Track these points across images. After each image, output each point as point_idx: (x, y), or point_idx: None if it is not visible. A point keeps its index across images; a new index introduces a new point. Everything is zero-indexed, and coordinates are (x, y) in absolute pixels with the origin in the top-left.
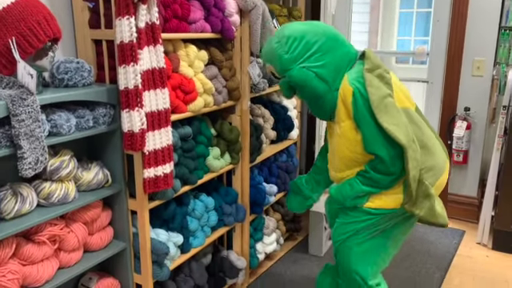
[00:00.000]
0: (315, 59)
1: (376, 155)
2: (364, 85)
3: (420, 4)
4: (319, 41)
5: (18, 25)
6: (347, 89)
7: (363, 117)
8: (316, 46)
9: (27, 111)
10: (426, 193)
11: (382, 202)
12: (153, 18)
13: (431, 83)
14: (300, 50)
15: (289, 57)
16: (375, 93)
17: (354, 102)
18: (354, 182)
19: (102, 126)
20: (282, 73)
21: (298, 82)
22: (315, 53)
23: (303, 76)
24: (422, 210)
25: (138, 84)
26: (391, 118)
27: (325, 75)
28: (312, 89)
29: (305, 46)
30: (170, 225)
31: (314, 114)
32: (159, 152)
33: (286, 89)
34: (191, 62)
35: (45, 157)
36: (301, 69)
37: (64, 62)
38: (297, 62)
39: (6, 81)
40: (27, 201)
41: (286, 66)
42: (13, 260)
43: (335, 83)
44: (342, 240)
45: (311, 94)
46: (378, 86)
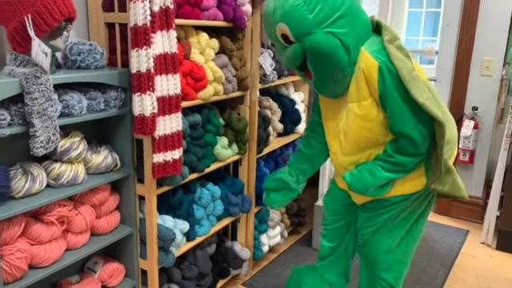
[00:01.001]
0: (341, 24)
1: (405, 135)
2: (389, 58)
3: (429, 4)
4: (345, 3)
5: (34, 2)
6: (372, 63)
7: (391, 93)
8: (342, 9)
9: (40, 90)
10: (447, 167)
11: (403, 187)
12: (167, 2)
13: (439, 82)
14: (326, 11)
15: (313, 18)
16: (404, 66)
17: (380, 77)
18: (374, 168)
19: (112, 110)
20: (301, 37)
21: (323, 49)
22: (341, 17)
23: (329, 43)
24: (445, 186)
25: (151, 68)
26: (423, 92)
27: (349, 45)
28: (335, 60)
29: (331, 7)
30: (176, 212)
31: (324, 90)
32: (169, 137)
33: (296, 57)
34: (202, 50)
35: (56, 136)
36: (326, 34)
37: (77, 43)
38: (321, 25)
39: (20, 59)
40: (37, 180)
41: (309, 28)
42: (21, 239)
43: (354, 56)
44: (370, 232)
45: (331, 67)
46: (402, 58)
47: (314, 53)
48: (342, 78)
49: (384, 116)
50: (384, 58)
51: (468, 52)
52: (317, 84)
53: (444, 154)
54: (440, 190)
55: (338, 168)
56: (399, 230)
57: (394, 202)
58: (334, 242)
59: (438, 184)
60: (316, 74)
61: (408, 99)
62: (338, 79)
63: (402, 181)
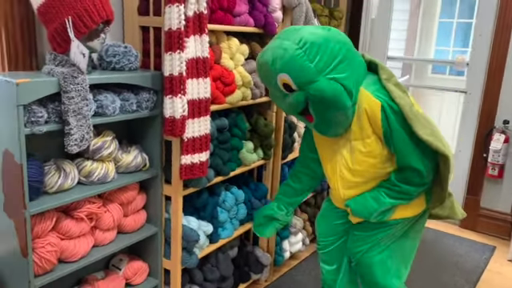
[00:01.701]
0: (341, 69)
1: (411, 168)
2: (390, 97)
3: (461, 14)
4: (342, 49)
5: (75, 5)
6: (374, 103)
7: (396, 131)
8: (341, 54)
9: (77, 89)
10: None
11: (404, 211)
12: (201, 8)
13: (469, 94)
14: (326, 59)
15: (315, 66)
16: (406, 104)
17: (384, 116)
18: (378, 195)
19: (144, 111)
20: (304, 85)
21: (327, 96)
22: (340, 62)
23: (333, 89)
24: (445, 211)
25: (183, 71)
26: (425, 128)
27: (350, 88)
28: (339, 104)
29: (330, 54)
30: (200, 213)
31: (326, 132)
32: (197, 140)
33: (299, 104)
34: (232, 55)
35: (90, 135)
36: (329, 80)
37: (112, 45)
38: (323, 72)
39: (59, 59)
40: (69, 177)
41: (312, 77)
42: (52, 233)
43: (355, 97)
44: (362, 251)
45: (334, 111)
46: (402, 96)
47: (318, 100)
48: (345, 119)
49: (388, 151)
50: (385, 97)
51: (501, 64)
52: (318, 127)
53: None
54: (441, 214)
55: (339, 200)
56: (390, 244)
57: (392, 224)
58: (336, 264)
59: (438, 209)
60: (318, 118)
61: (411, 135)
62: (340, 121)
63: (403, 206)
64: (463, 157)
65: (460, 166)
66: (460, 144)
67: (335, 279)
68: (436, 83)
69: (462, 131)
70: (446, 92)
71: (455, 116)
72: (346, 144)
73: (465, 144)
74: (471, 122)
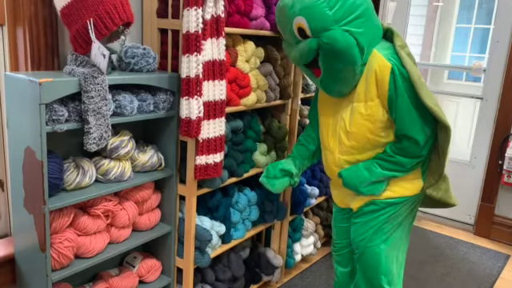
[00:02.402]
0: (358, 24)
1: (409, 137)
2: (401, 62)
3: (478, 20)
4: (363, 4)
5: (97, 7)
6: (385, 64)
7: (402, 95)
8: (360, 9)
9: (97, 89)
10: (443, 175)
11: (402, 189)
12: (218, 11)
13: (486, 100)
14: (346, 9)
15: (333, 15)
16: (415, 72)
17: (392, 78)
18: (371, 165)
19: (161, 111)
20: (318, 32)
21: (339, 46)
22: (358, 17)
23: (346, 41)
24: (439, 192)
25: (200, 73)
26: (431, 98)
27: (363, 44)
28: (349, 58)
29: (350, 6)
30: (213, 214)
31: (330, 89)
32: (212, 141)
33: (310, 52)
34: (248, 58)
35: (108, 134)
36: (343, 32)
37: (131, 47)
38: (340, 22)
39: (80, 59)
40: (87, 174)
41: (328, 24)
42: (69, 229)
43: (365, 56)
44: (366, 238)
45: (343, 64)
46: (411, 64)
47: (329, 49)
48: (352, 76)
49: (388, 118)
50: (396, 61)
51: None
52: (324, 82)
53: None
54: (435, 196)
55: (333, 167)
56: (392, 232)
57: (390, 203)
58: (349, 266)
59: (433, 189)
60: (326, 71)
61: (416, 103)
62: (347, 77)
63: (399, 183)
64: (478, 163)
65: (475, 173)
66: (475, 150)
67: (348, 282)
68: (452, 89)
69: (477, 138)
70: (461, 98)
71: (471, 122)
72: (347, 106)
73: (480, 151)
74: (487, 129)
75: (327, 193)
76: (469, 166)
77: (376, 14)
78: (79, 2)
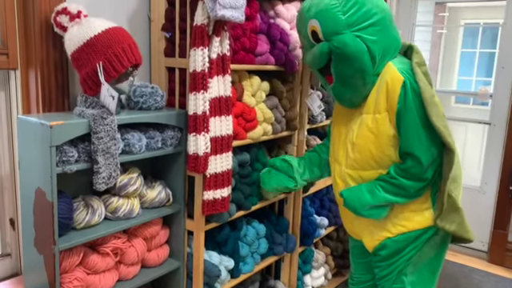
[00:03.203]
0: (371, 32)
1: (413, 156)
2: (414, 78)
3: (483, 44)
4: (378, 13)
5: (106, 51)
6: (398, 77)
7: (411, 111)
8: (375, 17)
9: (106, 130)
10: (455, 206)
11: (414, 223)
12: (224, 50)
13: (493, 126)
14: (359, 15)
15: (345, 19)
16: (427, 90)
17: (403, 92)
18: (374, 188)
19: (169, 148)
20: (330, 36)
21: (348, 51)
22: (372, 25)
23: (356, 46)
24: (452, 225)
25: (206, 110)
26: (440, 119)
27: (375, 53)
28: (359, 64)
29: (365, 13)
30: (222, 248)
31: (342, 97)
32: (219, 175)
33: (321, 56)
34: (254, 92)
35: (117, 173)
36: (355, 37)
37: (140, 86)
38: (352, 27)
39: (89, 101)
40: (97, 213)
41: (340, 28)
42: (79, 268)
43: (378, 67)
44: (391, 280)
45: (354, 71)
46: (426, 83)
47: (339, 53)
48: (362, 85)
49: (394, 135)
50: (410, 76)
51: None
52: (336, 89)
53: (451, 186)
54: (447, 229)
55: (337, 180)
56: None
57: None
58: None
59: (445, 222)
60: (337, 77)
61: (424, 120)
62: (357, 86)
63: (408, 215)
64: (489, 189)
65: (486, 199)
66: (486, 176)
67: None
68: (460, 113)
69: (487, 163)
70: (470, 123)
71: (480, 146)
72: (358, 117)
73: (490, 176)
74: (496, 154)
75: (337, 222)
76: (480, 191)
77: (396, 27)
78: (89, 46)
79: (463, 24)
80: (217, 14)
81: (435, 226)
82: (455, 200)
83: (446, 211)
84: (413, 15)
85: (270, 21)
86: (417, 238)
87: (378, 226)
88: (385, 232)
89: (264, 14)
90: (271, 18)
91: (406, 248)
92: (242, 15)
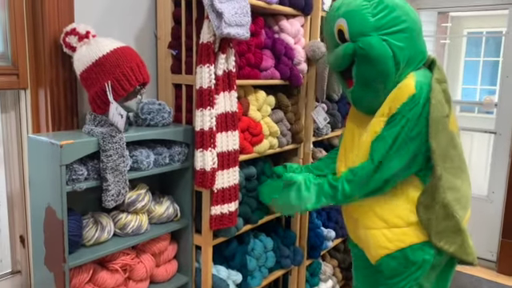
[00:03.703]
0: (399, 38)
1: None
2: (428, 93)
3: (487, 53)
4: (408, 21)
5: (114, 70)
6: (410, 88)
7: (402, 122)
8: (404, 24)
9: (115, 147)
10: (458, 227)
11: (407, 236)
12: (230, 67)
13: (499, 135)
14: (388, 20)
15: (374, 21)
16: (438, 109)
17: (407, 102)
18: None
19: (176, 163)
20: (356, 37)
21: (374, 53)
22: (401, 31)
23: (382, 49)
24: (452, 246)
25: (213, 126)
26: (443, 140)
27: (400, 59)
28: (383, 68)
29: (394, 18)
30: (230, 262)
31: (360, 101)
32: (226, 190)
33: (345, 57)
34: (260, 107)
35: (126, 189)
36: (381, 40)
37: (147, 103)
38: (380, 31)
39: (98, 119)
40: (106, 229)
41: (367, 30)
42: (88, 285)
43: (401, 75)
44: None
45: (376, 74)
46: (441, 101)
47: (364, 54)
48: (382, 90)
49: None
50: (425, 92)
51: None
52: (355, 92)
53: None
54: (446, 249)
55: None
56: None
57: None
58: None
59: (444, 242)
60: (358, 80)
61: (409, 137)
62: (377, 90)
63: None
64: (496, 198)
65: (494, 208)
66: (492, 185)
67: None
68: (465, 121)
69: (493, 172)
70: (476, 132)
71: (486, 155)
72: (367, 124)
73: (497, 185)
74: (503, 163)
75: (344, 234)
76: (487, 200)
77: (424, 40)
78: (98, 66)
79: (466, 34)
80: (222, 32)
81: (431, 242)
82: (458, 221)
83: (446, 231)
84: None
85: (275, 36)
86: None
87: (376, 241)
88: (382, 249)
89: (268, 29)
90: (276, 33)
91: (409, 268)
92: (247, 32)
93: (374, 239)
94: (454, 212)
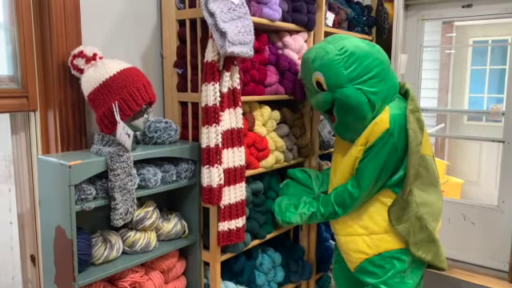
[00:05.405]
0: (371, 84)
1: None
2: (402, 125)
3: (493, 61)
4: (378, 66)
5: (121, 91)
6: (385, 124)
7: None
8: (375, 71)
9: (122, 167)
10: (432, 237)
11: (384, 242)
12: (234, 84)
13: (508, 143)
14: (360, 70)
15: (347, 74)
16: (415, 139)
17: (382, 138)
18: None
19: (183, 180)
20: (333, 88)
21: (350, 102)
22: (372, 78)
23: (358, 98)
24: (428, 255)
25: (219, 143)
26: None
27: (375, 102)
28: (360, 113)
29: (365, 67)
30: (238, 278)
31: (343, 135)
32: (233, 206)
33: (325, 103)
34: (265, 122)
35: (133, 208)
36: (356, 90)
37: (154, 121)
38: (353, 81)
39: (106, 139)
40: (115, 248)
41: (342, 82)
42: None
43: (378, 112)
44: None
45: (355, 118)
46: (415, 130)
47: (342, 103)
48: (362, 128)
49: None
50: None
51: None
52: (338, 129)
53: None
54: (424, 258)
55: None
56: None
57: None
58: None
59: (422, 251)
60: (339, 120)
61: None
62: (357, 128)
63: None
64: (507, 208)
65: (504, 218)
66: (503, 194)
67: None
68: (472, 130)
69: (503, 181)
70: (484, 141)
71: (496, 163)
72: (348, 149)
73: (508, 194)
74: None
75: None
76: (497, 210)
77: (392, 70)
78: (105, 87)
79: (471, 43)
80: (226, 51)
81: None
82: (432, 232)
83: (422, 241)
84: (420, 37)
85: (279, 52)
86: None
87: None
88: (362, 254)
89: (272, 45)
90: (279, 49)
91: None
92: (250, 50)
93: (354, 245)
94: (428, 224)
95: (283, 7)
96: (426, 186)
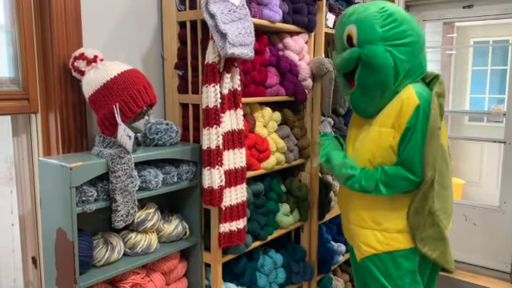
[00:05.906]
0: (401, 51)
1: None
2: (429, 106)
3: (494, 61)
4: (413, 36)
5: (122, 93)
6: (413, 99)
7: (417, 133)
8: (409, 39)
9: (123, 168)
10: (442, 235)
11: (398, 242)
12: (235, 85)
13: (509, 144)
14: (395, 32)
15: (382, 32)
16: (435, 120)
17: (415, 115)
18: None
19: (184, 182)
20: (363, 43)
21: (376, 62)
22: (405, 45)
23: (385, 58)
24: (434, 252)
25: (220, 144)
26: (434, 151)
27: (400, 70)
28: (382, 76)
29: (401, 32)
30: (240, 279)
31: (358, 104)
32: (234, 207)
33: (350, 60)
34: (266, 123)
35: (134, 209)
36: (386, 51)
37: (155, 123)
38: (386, 41)
39: (107, 141)
40: (116, 250)
41: (374, 39)
42: None
43: (400, 85)
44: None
45: (376, 81)
46: (437, 114)
47: (367, 61)
48: (379, 97)
49: (392, 147)
50: (426, 102)
51: None
52: (354, 95)
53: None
54: (429, 255)
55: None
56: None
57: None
58: None
59: (428, 248)
60: (359, 83)
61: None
62: (374, 97)
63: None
64: (509, 208)
65: (506, 218)
66: (504, 195)
67: None
68: (474, 131)
69: (504, 182)
70: (485, 142)
71: (497, 164)
72: (366, 128)
73: (509, 195)
74: None
75: None
76: (499, 211)
77: (425, 54)
78: (106, 89)
79: (472, 43)
80: (227, 52)
81: (417, 248)
82: (443, 230)
83: (430, 237)
84: None
85: (279, 53)
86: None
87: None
88: (370, 248)
89: (273, 46)
90: (280, 51)
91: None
92: (251, 51)
93: (364, 238)
94: (440, 221)
95: (284, 8)
96: (443, 179)
